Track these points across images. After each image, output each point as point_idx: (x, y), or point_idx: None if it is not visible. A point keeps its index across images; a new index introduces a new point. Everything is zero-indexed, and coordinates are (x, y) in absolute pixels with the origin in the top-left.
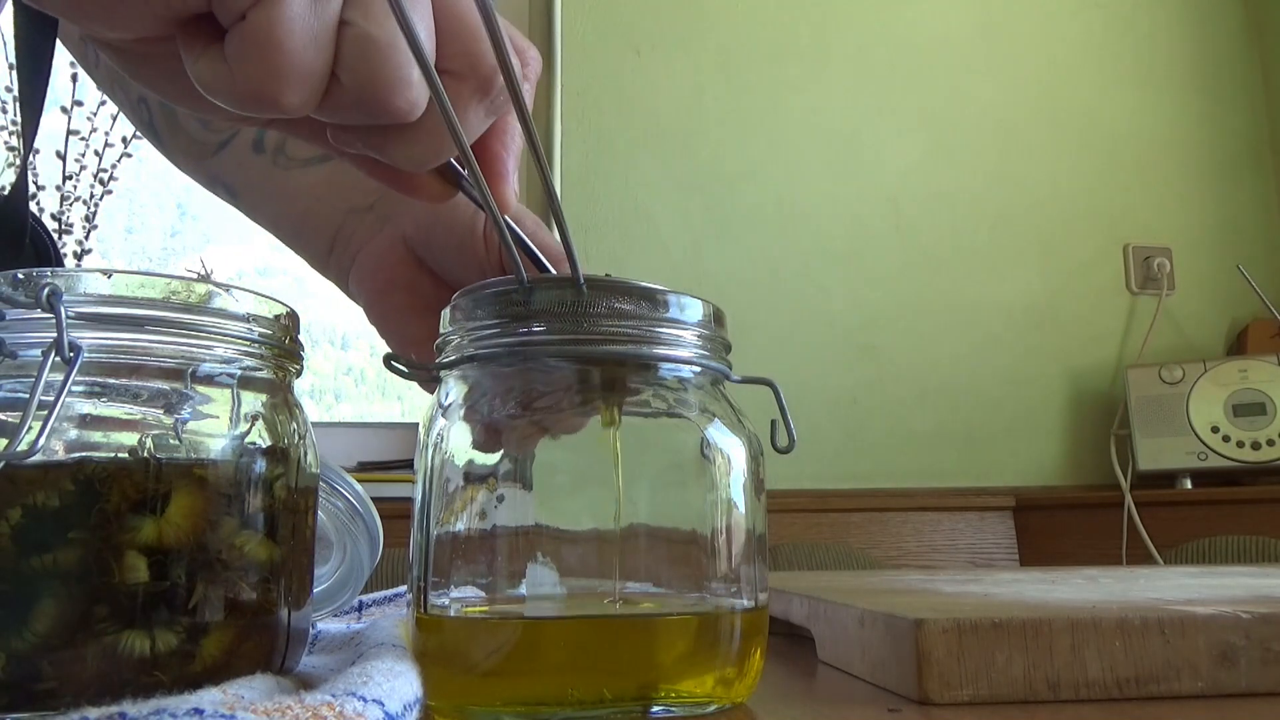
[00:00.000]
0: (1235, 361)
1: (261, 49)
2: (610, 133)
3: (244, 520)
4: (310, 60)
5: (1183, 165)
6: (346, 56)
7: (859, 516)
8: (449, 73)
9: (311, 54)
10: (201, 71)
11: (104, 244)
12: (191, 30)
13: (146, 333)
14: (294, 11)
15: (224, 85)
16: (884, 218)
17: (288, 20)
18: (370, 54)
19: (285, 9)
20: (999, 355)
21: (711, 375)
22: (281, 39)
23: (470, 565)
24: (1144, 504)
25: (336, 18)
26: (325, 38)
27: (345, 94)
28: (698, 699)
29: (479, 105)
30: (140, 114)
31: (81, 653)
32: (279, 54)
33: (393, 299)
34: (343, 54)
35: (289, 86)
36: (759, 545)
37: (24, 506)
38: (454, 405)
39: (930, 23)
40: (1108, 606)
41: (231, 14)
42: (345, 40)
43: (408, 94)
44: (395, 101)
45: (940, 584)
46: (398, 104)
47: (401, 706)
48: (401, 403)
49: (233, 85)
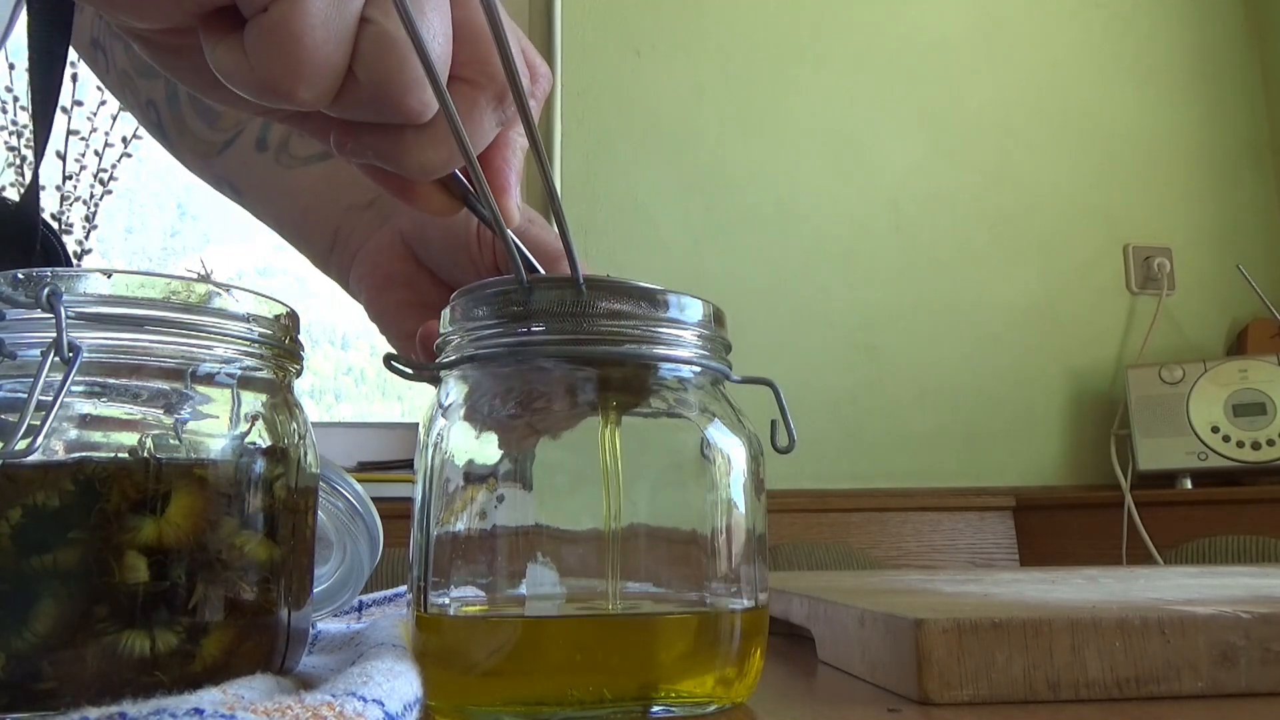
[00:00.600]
0: (1235, 361)
1: (280, 40)
2: (610, 133)
3: (244, 520)
4: (328, 54)
5: (1183, 165)
6: (365, 53)
7: (859, 516)
8: (465, 79)
9: (330, 48)
10: (220, 59)
11: (104, 244)
12: (214, 20)
13: (146, 333)
14: (315, 6)
15: (241, 74)
16: (884, 218)
17: (308, 14)
18: (388, 52)
19: (308, 2)
20: (999, 355)
21: (711, 375)
22: (300, 32)
23: (470, 565)
24: (1144, 504)
25: (358, 14)
26: (345, 33)
27: (361, 90)
28: (698, 699)
29: (492, 114)
30: (149, 116)
31: (81, 653)
32: (297, 46)
33: (391, 295)
34: (361, 50)
35: (304, 79)
36: (759, 545)
37: (24, 506)
38: (454, 405)
39: (930, 23)
40: (1108, 606)
41: (254, 6)
42: (365, 37)
43: (422, 94)
44: (408, 101)
45: (940, 584)
46: (411, 103)
47: (401, 706)
48: (401, 403)
49: (249, 74)
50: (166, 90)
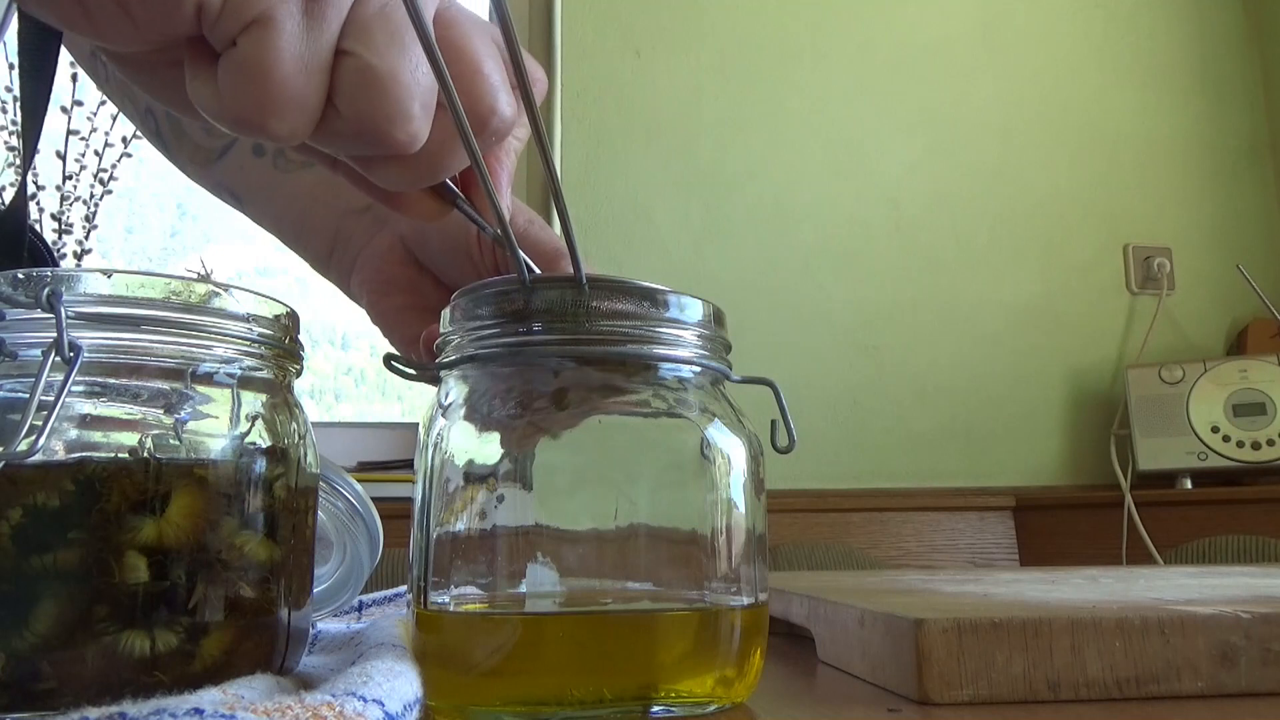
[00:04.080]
0: (1235, 361)
1: (250, 76)
2: (610, 133)
3: (244, 520)
4: (299, 89)
5: (1183, 165)
6: (345, 86)
7: (859, 516)
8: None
9: (300, 82)
10: (195, 91)
11: (104, 244)
12: (197, 48)
13: (146, 333)
14: (284, 40)
15: (214, 107)
16: (884, 218)
17: (277, 49)
18: (370, 85)
19: (275, 37)
20: (999, 355)
21: (711, 375)
22: (270, 67)
23: (470, 565)
24: (1144, 504)
25: (332, 47)
26: (317, 67)
27: (344, 124)
28: (698, 699)
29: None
30: (148, 123)
31: (81, 653)
32: (267, 81)
33: (393, 299)
34: (341, 84)
35: (277, 114)
36: (759, 545)
37: (24, 506)
38: (454, 405)
39: (930, 23)
40: (1108, 606)
41: (223, 40)
42: (344, 70)
43: (408, 126)
44: (395, 134)
45: (940, 584)
46: (398, 136)
47: (401, 706)
48: (401, 403)
49: (222, 108)
50: None
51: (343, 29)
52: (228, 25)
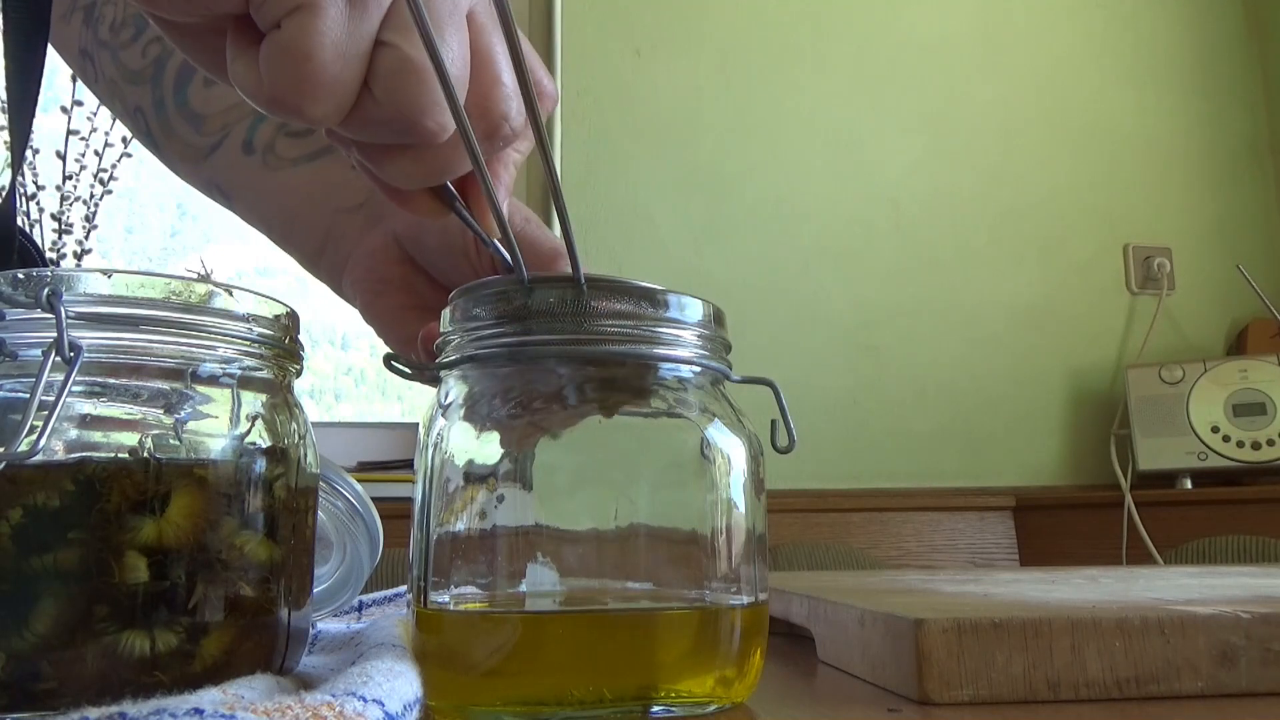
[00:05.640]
0: (1235, 361)
1: (291, 58)
2: (610, 133)
3: (244, 520)
4: (338, 74)
5: (1183, 165)
6: (383, 76)
7: (859, 516)
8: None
9: (339, 68)
10: (236, 71)
11: (104, 244)
12: (240, 28)
13: (146, 333)
14: (327, 25)
15: (253, 87)
16: (884, 218)
17: (319, 33)
18: (407, 76)
19: (319, 21)
20: (999, 355)
21: (711, 375)
22: (311, 50)
23: (470, 565)
24: (1144, 504)
25: (372, 36)
26: (357, 54)
27: (378, 110)
28: (698, 699)
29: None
30: (138, 123)
31: (81, 653)
32: (307, 65)
33: (389, 299)
34: (379, 73)
35: (314, 98)
36: (759, 545)
37: (24, 506)
38: (454, 405)
39: (930, 23)
40: (1108, 606)
41: (267, 20)
42: (383, 60)
43: (439, 117)
44: (426, 123)
45: (940, 584)
46: (428, 125)
47: (401, 706)
48: (401, 403)
49: (260, 89)
50: (153, 97)
51: (383, 20)
52: (273, 8)
